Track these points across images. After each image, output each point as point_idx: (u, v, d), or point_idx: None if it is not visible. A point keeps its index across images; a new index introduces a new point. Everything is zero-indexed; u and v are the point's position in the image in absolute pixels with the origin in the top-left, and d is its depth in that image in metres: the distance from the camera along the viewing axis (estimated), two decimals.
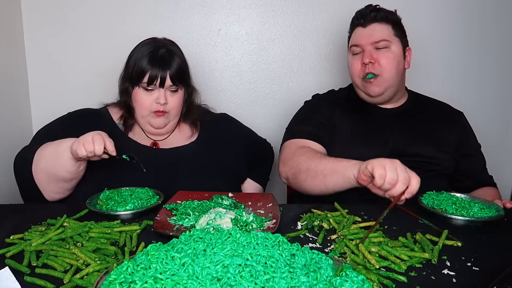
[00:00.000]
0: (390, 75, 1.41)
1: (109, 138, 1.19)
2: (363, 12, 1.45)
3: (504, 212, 1.11)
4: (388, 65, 1.41)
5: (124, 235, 0.99)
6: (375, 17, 1.42)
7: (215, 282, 0.61)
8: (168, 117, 1.43)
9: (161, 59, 1.38)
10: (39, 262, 0.85)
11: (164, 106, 1.39)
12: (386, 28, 1.42)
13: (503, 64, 2.01)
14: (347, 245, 0.95)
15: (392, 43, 1.42)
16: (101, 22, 1.86)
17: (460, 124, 1.55)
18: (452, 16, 1.94)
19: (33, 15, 1.83)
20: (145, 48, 1.41)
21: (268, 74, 1.96)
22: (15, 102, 1.80)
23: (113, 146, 1.19)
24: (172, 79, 1.38)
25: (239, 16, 1.91)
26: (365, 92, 1.46)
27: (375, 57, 1.41)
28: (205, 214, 1.06)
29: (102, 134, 1.19)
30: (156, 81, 1.37)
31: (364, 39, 1.42)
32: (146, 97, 1.39)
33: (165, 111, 1.41)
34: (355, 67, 1.45)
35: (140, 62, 1.38)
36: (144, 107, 1.40)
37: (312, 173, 1.29)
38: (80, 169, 1.26)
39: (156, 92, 1.39)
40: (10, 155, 1.70)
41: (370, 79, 1.41)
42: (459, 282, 0.82)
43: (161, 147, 1.47)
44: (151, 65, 1.37)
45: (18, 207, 1.30)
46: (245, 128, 1.69)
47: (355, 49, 1.45)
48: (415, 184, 1.03)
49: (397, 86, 1.47)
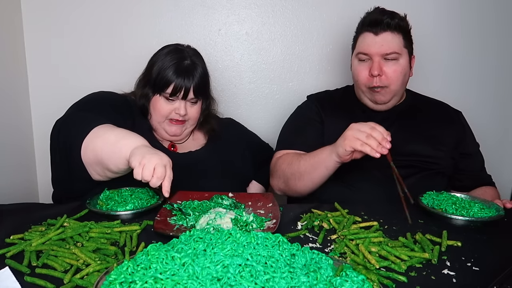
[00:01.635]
0: (396, 87, 1.41)
1: (170, 175, 1.04)
2: (376, 18, 1.38)
3: (504, 212, 1.11)
4: (396, 78, 1.40)
5: (124, 235, 0.99)
6: (389, 25, 1.36)
7: (215, 282, 0.61)
8: (185, 125, 1.44)
9: (186, 71, 1.37)
10: (39, 262, 0.85)
11: (183, 116, 1.40)
12: (398, 39, 1.38)
13: (502, 64, 2.01)
14: (347, 245, 0.95)
15: (401, 55, 1.39)
16: (101, 22, 1.86)
17: (459, 124, 1.54)
18: (451, 15, 1.94)
19: (33, 15, 1.83)
20: (169, 58, 1.39)
21: (268, 74, 1.96)
22: (15, 102, 1.80)
23: (170, 185, 1.04)
24: (194, 91, 1.39)
25: (239, 16, 1.91)
26: (371, 99, 1.46)
27: (384, 69, 1.38)
28: (205, 214, 1.06)
29: (166, 166, 1.03)
30: (180, 93, 1.37)
31: (374, 48, 1.37)
32: (166, 106, 1.39)
33: (184, 120, 1.41)
34: (362, 75, 1.42)
35: (164, 72, 1.37)
36: (162, 115, 1.40)
37: (297, 175, 1.36)
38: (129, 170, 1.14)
39: (177, 103, 1.39)
40: (10, 155, 1.70)
41: (377, 89, 1.41)
42: (459, 282, 0.82)
43: (179, 151, 1.48)
44: (176, 77, 1.36)
45: (18, 207, 1.29)
46: (250, 133, 1.74)
47: (362, 56, 1.41)
48: (379, 127, 1.17)
49: (401, 94, 1.48)
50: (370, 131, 1.17)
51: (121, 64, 1.81)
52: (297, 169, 1.36)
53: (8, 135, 1.73)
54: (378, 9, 1.43)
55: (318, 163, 1.31)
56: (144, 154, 1.03)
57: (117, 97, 1.43)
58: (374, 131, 1.16)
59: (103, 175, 1.18)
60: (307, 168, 1.33)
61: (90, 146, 1.12)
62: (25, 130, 1.89)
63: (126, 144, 1.08)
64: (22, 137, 1.84)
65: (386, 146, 1.15)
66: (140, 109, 1.44)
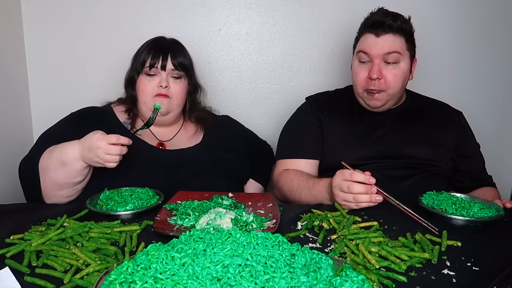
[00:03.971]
0: (394, 91, 1.39)
1: (108, 136, 1.15)
2: (378, 19, 1.36)
3: (504, 212, 1.11)
4: (395, 82, 1.38)
5: (124, 235, 0.99)
6: (390, 27, 1.34)
7: (215, 282, 0.61)
8: (171, 103, 1.43)
9: (162, 45, 1.44)
10: (39, 262, 0.85)
11: (166, 90, 1.40)
12: (400, 41, 1.36)
13: (503, 63, 2.01)
14: (347, 245, 0.95)
15: (402, 57, 1.37)
16: (101, 22, 1.86)
17: (459, 125, 1.53)
18: (450, 15, 1.94)
19: (33, 15, 1.83)
20: (147, 43, 1.47)
21: (268, 74, 1.96)
22: (15, 102, 1.80)
23: (119, 137, 1.15)
24: (173, 63, 1.41)
25: (239, 16, 1.91)
26: (366, 102, 1.44)
27: (383, 73, 1.36)
28: (205, 214, 1.06)
29: (103, 139, 1.14)
30: (158, 63, 1.40)
31: (375, 49, 1.36)
32: (148, 83, 1.41)
33: (168, 94, 1.41)
34: (361, 76, 1.41)
35: (143, 51, 1.44)
36: (147, 93, 1.41)
37: (298, 202, 1.37)
38: (90, 168, 1.26)
39: (158, 77, 1.41)
40: (10, 155, 1.70)
41: (374, 93, 1.39)
42: (459, 282, 0.82)
43: (167, 148, 1.47)
44: (154, 49, 1.42)
45: (18, 207, 1.29)
46: (247, 130, 1.71)
47: (363, 57, 1.39)
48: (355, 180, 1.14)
49: (397, 98, 1.46)
50: (350, 190, 1.14)
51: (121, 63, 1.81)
52: (298, 199, 1.37)
53: (8, 135, 1.73)
54: (381, 10, 1.41)
55: (317, 199, 1.30)
56: (91, 157, 1.16)
57: (81, 113, 1.47)
58: (353, 188, 1.13)
59: (72, 192, 1.28)
60: (308, 200, 1.33)
61: (46, 179, 1.23)
62: (25, 130, 1.89)
63: (71, 157, 1.19)
64: (22, 137, 1.84)
65: (373, 193, 1.13)
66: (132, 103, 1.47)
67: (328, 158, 1.47)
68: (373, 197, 1.14)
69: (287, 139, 1.57)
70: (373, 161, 1.42)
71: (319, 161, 1.50)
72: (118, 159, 1.17)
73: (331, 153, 1.47)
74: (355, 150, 1.43)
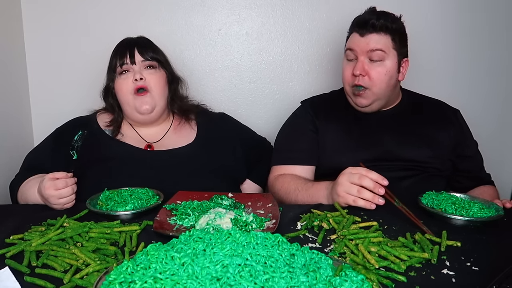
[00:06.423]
0: (379, 90, 1.38)
1: (54, 182, 1.16)
2: (364, 18, 1.37)
3: (503, 212, 1.11)
4: (378, 80, 1.36)
5: (124, 235, 0.99)
6: (374, 26, 1.34)
7: (215, 282, 0.61)
8: (152, 97, 1.41)
9: (128, 41, 1.47)
10: (39, 262, 0.86)
11: (142, 82, 1.40)
12: (385, 40, 1.35)
13: (501, 61, 2.00)
14: (346, 245, 0.95)
15: (387, 55, 1.35)
16: (101, 22, 1.86)
17: (457, 124, 1.52)
18: (447, 14, 1.94)
19: (33, 15, 1.83)
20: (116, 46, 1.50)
21: (268, 74, 1.96)
22: (15, 102, 1.80)
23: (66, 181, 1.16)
24: (141, 54, 1.42)
25: (239, 16, 1.91)
26: (354, 101, 1.44)
27: (367, 69, 1.36)
28: (205, 214, 1.06)
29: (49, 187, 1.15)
30: (126, 58, 1.41)
31: (359, 46, 1.37)
32: (124, 81, 1.42)
33: (145, 86, 1.40)
34: (347, 73, 1.41)
35: (112, 57, 1.46)
36: (125, 92, 1.41)
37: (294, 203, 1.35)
38: None
39: (132, 73, 1.42)
40: (10, 155, 1.70)
41: (360, 91, 1.39)
42: (459, 282, 0.82)
43: (156, 149, 1.44)
44: (120, 49, 1.45)
45: (18, 207, 1.30)
46: (243, 127, 1.68)
47: (350, 54, 1.40)
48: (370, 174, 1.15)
49: (386, 99, 1.44)
50: (360, 181, 1.14)
51: None
52: (295, 200, 1.35)
53: (8, 135, 1.73)
54: (370, 9, 1.41)
55: (314, 198, 1.30)
56: (50, 205, 1.19)
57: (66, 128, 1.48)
58: (364, 180, 1.14)
59: None
60: (304, 200, 1.32)
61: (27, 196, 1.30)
62: (25, 130, 1.89)
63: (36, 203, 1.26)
64: (22, 138, 1.85)
65: (379, 193, 1.13)
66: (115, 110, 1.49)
67: (325, 163, 1.46)
68: (375, 197, 1.14)
69: (282, 145, 1.55)
70: (371, 164, 1.42)
71: (316, 166, 1.49)
72: (73, 198, 1.19)
73: (328, 158, 1.46)
74: (352, 154, 1.42)
